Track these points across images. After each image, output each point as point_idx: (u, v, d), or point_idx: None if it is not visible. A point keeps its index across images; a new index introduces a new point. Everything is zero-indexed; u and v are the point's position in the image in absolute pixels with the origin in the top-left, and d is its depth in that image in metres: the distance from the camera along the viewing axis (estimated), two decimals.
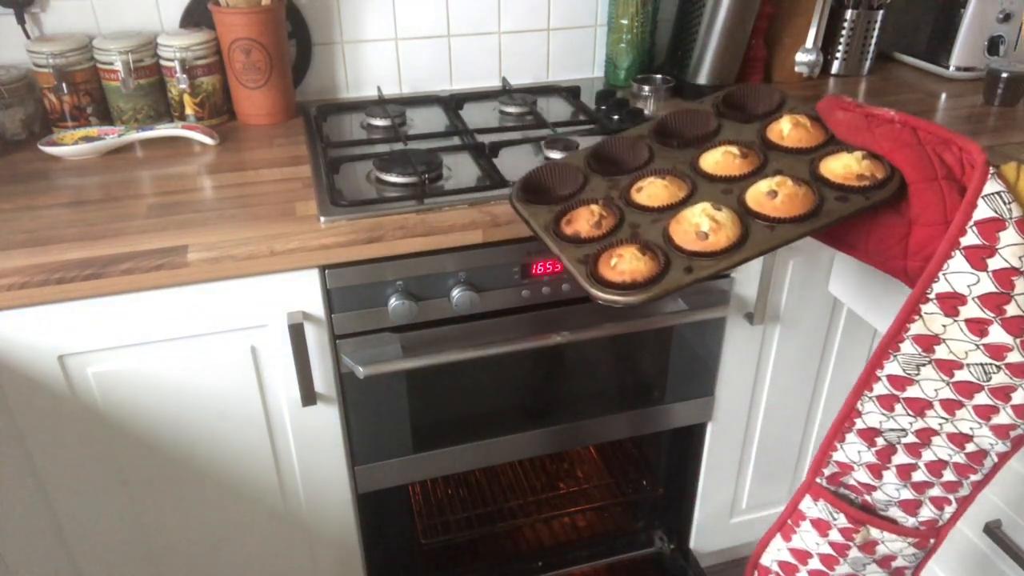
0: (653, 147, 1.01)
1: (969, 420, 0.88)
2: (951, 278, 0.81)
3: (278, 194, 1.09)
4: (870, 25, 1.58)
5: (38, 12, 1.28)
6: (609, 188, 0.96)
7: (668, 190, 0.91)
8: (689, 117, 1.05)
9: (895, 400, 0.91)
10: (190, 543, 1.17)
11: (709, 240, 0.83)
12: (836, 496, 1.02)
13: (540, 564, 1.53)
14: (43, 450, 1.02)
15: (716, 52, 1.43)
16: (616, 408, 1.30)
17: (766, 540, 1.11)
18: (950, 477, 0.94)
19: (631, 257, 0.83)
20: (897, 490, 0.98)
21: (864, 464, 0.97)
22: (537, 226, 0.93)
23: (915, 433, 0.93)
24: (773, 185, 0.86)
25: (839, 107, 0.94)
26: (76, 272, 0.91)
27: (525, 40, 1.53)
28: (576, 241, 0.89)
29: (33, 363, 0.96)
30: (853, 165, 0.86)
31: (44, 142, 1.21)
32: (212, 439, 1.09)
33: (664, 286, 0.81)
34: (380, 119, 1.33)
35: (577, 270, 0.85)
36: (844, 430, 0.97)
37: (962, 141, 0.82)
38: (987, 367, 0.83)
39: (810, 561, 1.07)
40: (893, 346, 0.88)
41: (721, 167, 0.93)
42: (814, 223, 0.84)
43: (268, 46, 1.28)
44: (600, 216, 0.90)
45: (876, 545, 1.02)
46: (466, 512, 1.61)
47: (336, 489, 1.20)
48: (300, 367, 1.04)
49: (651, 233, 0.87)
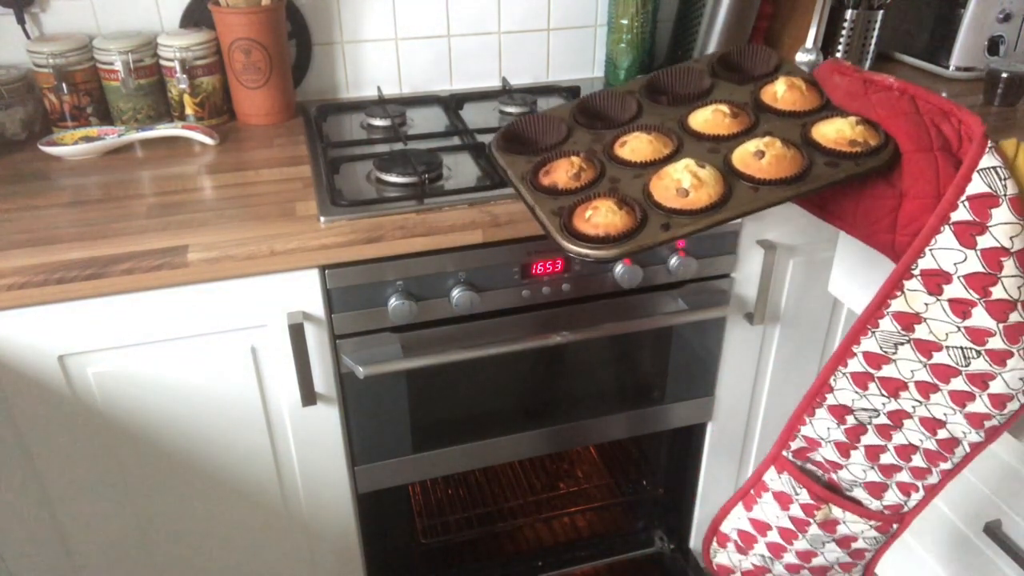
0: (643, 103, 0.99)
1: (943, 405, 0.85)
2: (937, 254, 0.78)
3: (278, 194, 1.09)
4: (870, 25, 1.58)
5: (38, 12, 1.28)
6: (593, 141, 0.94)
7: (652, 146, 0.89)
8: (682, 75, 1.02)
9: (869, 379, 0.88)
10: (190, 543, 1.17)
11: (689, 197, 0.80)
12: (801, 471, 1.00)
13: (540, 564, 1.53)
14: (43, 450, 1.02)
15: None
16: (616, 408, 1.30)
17: (728, 507, 1.10)
18: (919, 463, 0.92)
19: (607, 210, 0.81)
20: (864, 471, 0.95)
21: (832, 441, 0.95)
22: (514, 176, 0.91)
23: (887, 415, 0.90)
24: (761, 145, 0.84)
25: (837, 71, 0.92)
26: (76, 272, 0.91)
27: (525, 40, 1.53)
28: (552, 192, 0.87)
29: (33, 363, 0.96)
30: (846, 130, 0.84)
31: (44, 142, 1.21)
32: (212, 439, 1.09)
33: (639, 241, 0.78)
34: (380, 119, 1.33)
35: (550, 222, 0.83)
36: (815, 405, 0.94)
37: (962, 113, 0.80)
38: (967, 351, 0.80)
39: (768, 533, 1.05)
40: (872, 322, 0.85)
41: (710, 125, 0.91)
42: (799, 187, 0.81)
43: (268, 46, 1.28)
44: (580, 168, 0.87)
45: (837, 524, 1.00)
46: (466, 512, 1.61)
47: (336, 489, 1.20)
48: (300, 367, 1.04)
49: (631, 188, 0.85)
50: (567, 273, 1.12)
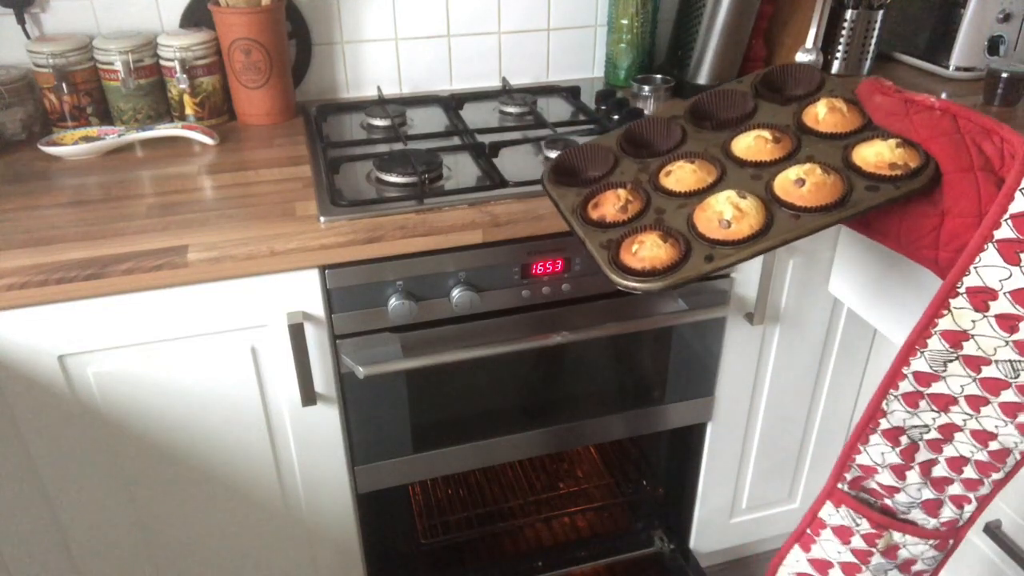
0: (687, 128, 1.00)
1: (994, 417, 0.85)
2: (983, 272, 0.78)
3: (278, 194, 1.09)
4: (870, 25, 1.58)
5: (38, 12, 1.28)
6: (639, 171, 0.96)
7: (696, 175, 0.91)
8: (725, 97, 1.03)
9: (920, 396, 0.89)
10: (190, 543, 1.17)
11: (732, 229, 0.82)
12: (858, 501, 0.99)
13: (540, 564, 1.53)
14: (43, 450, 1.02)
15: (716, 52, 1.43)
16: (616, 408, 1.30)
17: (783, 552, 1.08)
18: (971, 475, 0.92)
19: (652, 244, 0.83)
20: (919, 490, 0.95)
21: (888, 465, 0.95)
22: (565, 209, 0.94)
23: (938, 429, 0.90)
24: (801, 173, 0.85)
25: (878, 91, 0.92)
26: (76, 272, 0.91)
27: (525, 40, 1.53)
28: (601, 225, 0.89)
29: (33, 363, 0.96)
30: (886, 153, 0.85)
31: (44, 142, 1.21)
32: (212, 439, 1.09)
33: (683, 274, 0.81)
34: (380, 119, 1.33)
35: (599, 255, 0.86)
36: (868, 432, 0.94)
37: (1005, 131, 0.80)
38: (1016, 364, 0.80)
39: (830, 572, 1.04)
40: (921, 342, 0.85)
41: (752, 152, 0.92)
42: (840, 213, 0.82)
43: (268, 46, 1.28)
44: (627, 200, 0.90)
45: (898, 549, 0.99)
46: (466, 512, 1.61)
47: (336, 489, 1.20)
48: (300, 367, 1.04)
49: (676, 219, 0.87)
50: (567, 273, 1.12)
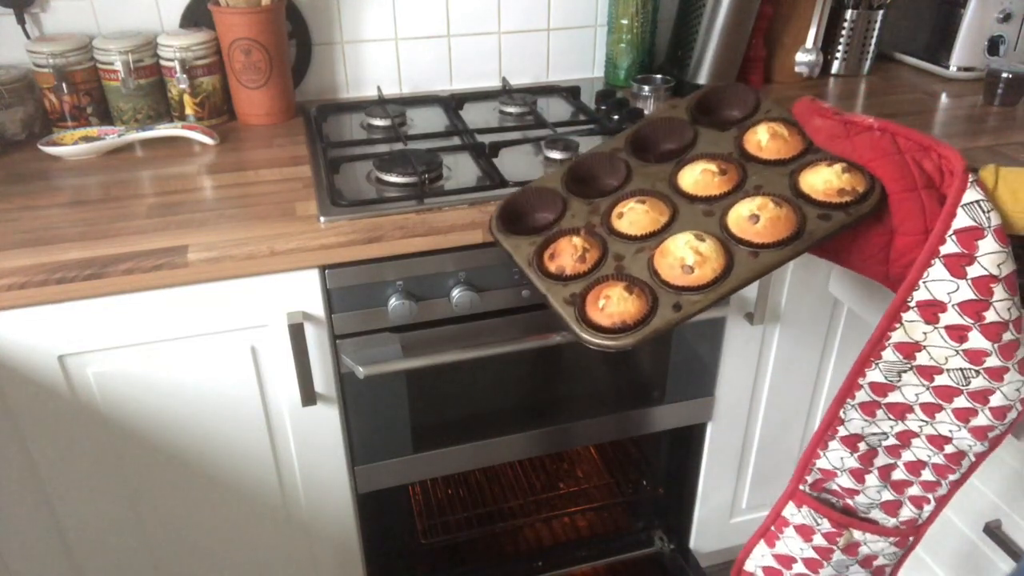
0: (630, 162, 0.99)
1: (948, 423, 0.89)
2: (931, 286, 0.82)
3: (278, 194, 1.09)
4: (870, 25, 1.58)
5: (38, 12, 1.28)
6: (590, 213, 0.94)
7: (649, 215, 0.89)
8: (665, 126, 1.02)
9: (877, 406, 0.92)
10: (190, 542, 1.17)
11: (695, 274, 0.82)
12: (819, 501, 1.02)
13: (540, 564, 1.53)
14: (43, 450, 1.02)
15: (716, 52, 1.43)
16: (616, 408, 1.30)
17: (749, 546, 1.11)
18: (929, 477, 0.95)
19: (619, 298, 0.81)
20: (879, 492, 0.98)
21: (847, 470, 0.98)
22: (521, 261, 0.91)
23: (896, 436, 0.94)
24: (754, 208, 0.85)
25: (817, 114, 0.93)
26: (76, 272, 0.91)
27: (525, 40, 1.53)
28: (562, 278, 0.87)
29: (33, 363, 0.96)
30: (834, 180, 0.85)
31: (44, 142, 1.21)
32: (212, 439, 1.09)
33: (654, 326, 0.80)
34: (380, 119, 1.33)
35: (566, 312, 0.84)
36: (827, 438, 0.97)
37: (942, 148, 0.83)
38: (966, 372, 0.84)
39: (794, 566, 1.07)
40: (875, 354, 0.89)
41: (700, 186, 0.91)
42: (797, 246, 0.83)
43: (268, 46, 1.28)
44: (584, 249, 0.88)
45: (859, 547, 1.03)
46: (466, 512, 1.61)
47: (336, 489, 1.20)
48: (300, 367, 1.04)
49: (636, 265, 0.86)
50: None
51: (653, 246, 0.87)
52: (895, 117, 1.40)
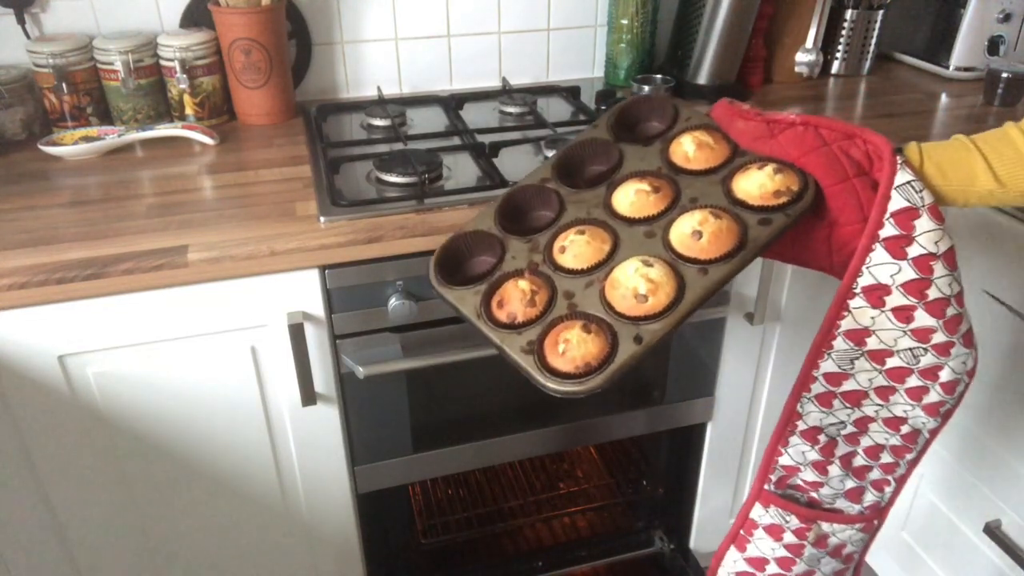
0: (560, 191, 0.95)
1: (903, 403, 0.91)
2: (874, 270, 0.83)
3: (278, 194, 1.09)
4: (870, 25, 1.58)
5: (38, 12, 1.28)
6: (530, 251, 0.90)
7: (592, 246, 0.87)
8: (589, 148, 1.00)
9: (833, 396, 0.93)
10: (190, 542, 1.17)
11: (650, 302, 0.81)
12: (785, 499, 1.03)
13: (540, 564, 1.53)
14: (43, 450, 1.02)
15: (716, 52, 1.43)
16: (616, 408, 1.30)
17: (720, 554, 1.12)
18: (887, 459, 0.97)
19: (578, 341, 0.79)
20: (842, 481, 1.00)
21: (810, 463, 0.99)
22: (469, 314, 0.87)
23: (853, 423, 0.95)
24: (695, 224, 0.84)
25: (738, 116, 0.92)
26: (76, 272, 0.91)
27: (525, 40, 1.53)
28: (514, 326, 0.84)
29: (33, 363, 0.96)
30: (767, 183, 0.85)
31: (44, 142, 1.21)
32: (212, 439, 1.09)
33: (619, 363, 0.78)
34: (380, 119, 1.33)
35: (526, 362, 0.82)
36: (787, 434, 0.98)
37: (866, 134, 0.84)
38: (915, 351, 0.86)
39: (767, 567, 1.07)
40: (826, 344, 0.90)
41: (637, 208, 0.90)
42: (744, 256, 0.83)
43: (268, 46, 1.28)
44: (531, 292, 0.85)
45: (828, 538, 1.04)
46: (466, 512, 1.61)
47: (336, 489, 1.20)
48: (300, 367, 1.04)
49: (588, 300, 0.84)
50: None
51: (602, 277, 0.85)
52: (895, 117, 1.40)
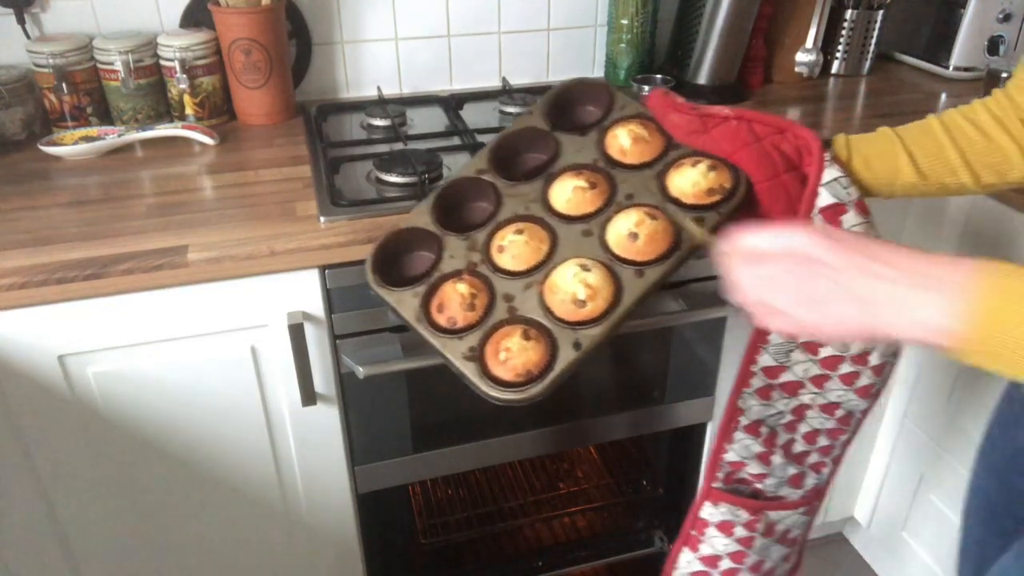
0: (497, 185, 0.95)
1: (837, 389, 0.93)
2: None
3: (278, 194, 1.09)
4: (870, 25, 1.58)
5: (38, 12, 1.28)
6: (468, 250, 0.90)
7: (530, 246, 0.87)
8: (526, 136, 0.99)
9: (771, 389, 0.95)
10: (190, 542, 1.17)
11: (588, 308, 0.82)
12: (734, 494, 1.04)
13: (540, 564, 1.53)
14: (43, 450, 1.02)
15: (716, 52, 1.43)
16: (616, 408, 1.30)
17: (674, 557, 1.13)
18: (824, 442, 1.00)
19: (519, 348, 0.80)
20: (784, 469, 1.02)
21: (755, 455, 1.01)
22: (409, 316, 0.87)
23: (791, 412, 0.97)
24: (632, 226, 0.85)
25: (673, 109, 0.93)
26: (76, 272, 0.91)
27: (525, 40, 1.53)
28: (455, 331, 0.84)
29: (33, 363, 0.96)
30: (701, 181, 0.86)
31: (44, 142, 1.21)
32: (212, 439, 1.09)
33: (559, 371, 0.80)
34: (380, 119, 1.33)
35: (467, 369, 0.82)
36: (731, 431, 1.00)
37: (795, 128, 0.85)
38: None
39: (720, 563, 1.09)
40: (762, 340, 0.92)
41: (574, 205, 0.90)
42: (678, 256, 0.84)
43: (268, 46, 1.28)
44: (471, 295, 0.85)
45: (775, 525, 1.06)
46: (466, 512, 1.61)
47: (336, 489, 1.20)
48: (300, 367, 1.04)
49: (528, 303, 0.85)
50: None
51: (540, 280, 0.86)
52: (895, 117, 1.40)
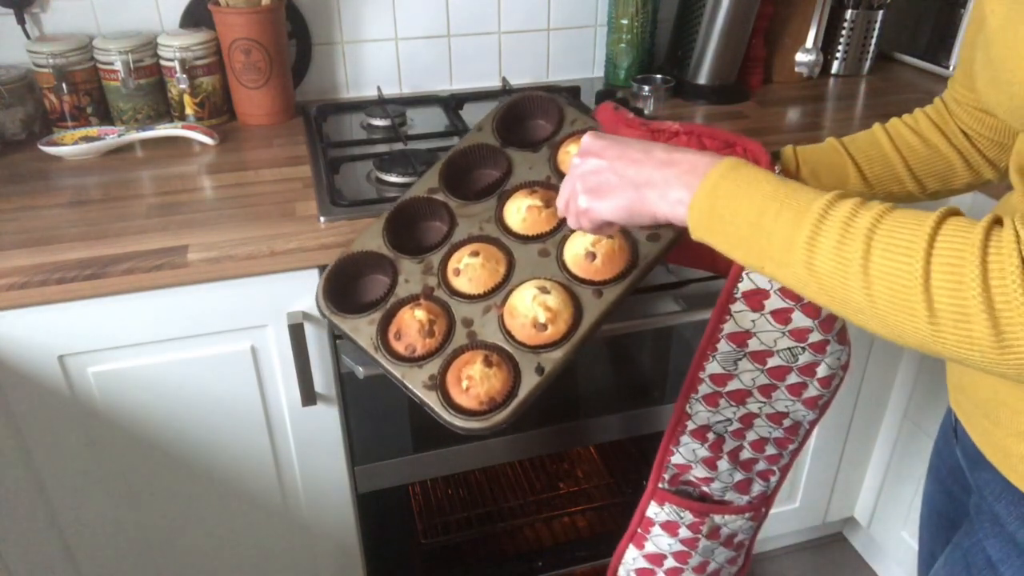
0: (450, 204, 0.94)
1: (784, 399, 0.95)
2: (754, 276, 0.86)
3: (278, 194, 1.09)
4: (870, 25, 1.58)
5: (38, 12, 1.28)
6: (424, 274, 0.89)
7: (487, 268, 0.86)
8: (476, 153, 0.98)
9: (719, 396, 0.96)
10: (190, 543, 1.17)
11: (549, 331, 0.82)
12: (679, 495, 1.06)
13: (540, 564, 1.53)
14: (43, 450, 1.02)
15: (716, 52, 1.43)
16: (616, 408, 1.30)
17: (620, 552, 1.15)
18: (772, 451, 1.02)
19: (481, 376, 0.80)
20: (730, 474, 1.04)
21: (700, 460, 1.02)
22: (366, 345, 0.85)
23: (739, 420, 0.99)
24: (589, 246, 0.85)
25: (623, 124, 0.93)
26: (76, 272, 0.91)
27: (525, 40, 1.53)
28: (415, 359, 0.83)
29: (33, 363, 0.96)
30: None
31: (44, 142, 1.21)
32: (212, 439, 1.09)
33: (522, 398, 0.80)
34: (380, 119, 1.33)
35: (429, 399, 0.81)
36: (678, 434, 1.01)
37: (745, 142, 0.85)
38: (794, 350, 0.90)
39: (665, 562, 1.11)
40: (711, 347, 0.93)
41: (529, 225, 0.89)
42: (636, 275, 0.84)
43: (268, 46, 1.28)
44: (429, 322, 0.84)
45: (720, 529, 1.08)
46: (466, 512, 1.61)
47: (336, 489, 1.20)
48: (300, 367, 1.04)
49: (487, 328, 0.84)
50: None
51: (499, 303, 0.85)
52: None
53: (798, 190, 0.57)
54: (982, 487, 0.73)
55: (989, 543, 0.71)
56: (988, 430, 0.70)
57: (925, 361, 1.38)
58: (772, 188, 0.58)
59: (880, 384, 1.45)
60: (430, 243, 0.93)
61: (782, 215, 0.56)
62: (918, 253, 0.49)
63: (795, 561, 1.71)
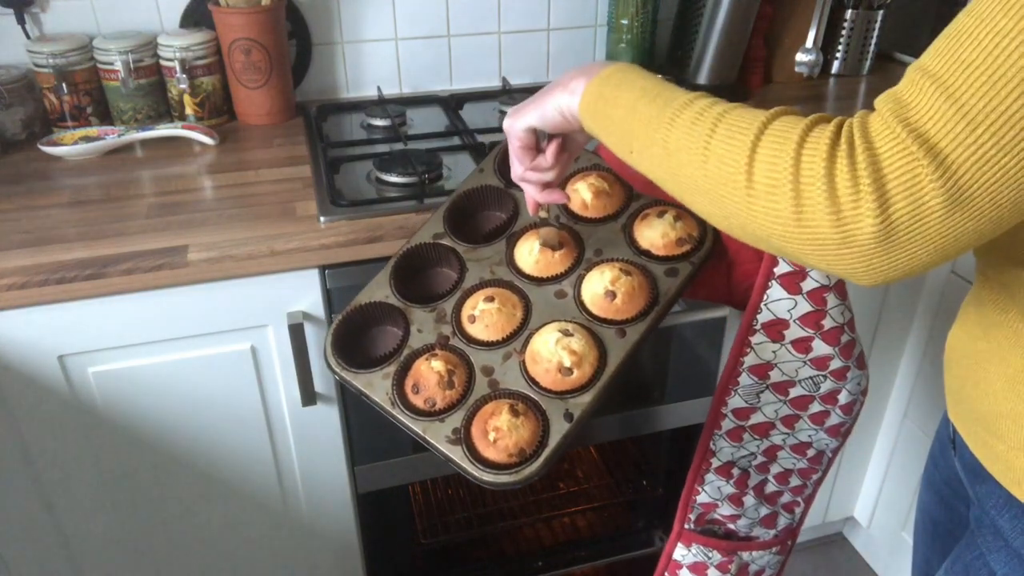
0: (457, 249, 0.91)
1: (807, 429, 0.95)
2: (772, 306, 0.87)
3: (278, 194, 1.09)
4: (870, 25, 1.58)
5: (38, 12, 1.28)
6: (437, 323, 0.85)
7: (503, 313, 0.83)
8: (479, 195, 0.96)
9: (742, 431, 0.96)
10: (189, 543, 1.17)
11: (575, 375, 0.79)
12: (706, 535, 1.05)
13: (540, 564, 1.53)
14: (43, 450, 1.02)
15: (716, 52, 1.43)
16: (616, 408, 1.30)
17: None
18: (796, 482, 1.02)
19: (509, 427, 0.76)
20: (756, 510, 1.03)
21: (726, 497, 1.01)
22: (382, 401, 0.81)
23: (763, 453, 0.98)
24: (608, 284, 0.83)
25: None
26: (76, 272, 0.91)
27: (525, 40, 1.53)
28: (435, 413, 0.79)
29: (33, 363, 0.96)
30: (670, 232, 0.86)
31: (44, 142, 1.21)
32: (212, 439, 1.09)
33: (554, 446, 0.76)
34: (380, 119, 1.33)
35: (454, 454, 0.76)
36: (702, 472, 1.00)
37: None
38: (815, 379, 0.91)
39: None
40: (732, 382, 0.92)
41: (542, 267, 0.87)
42: (657, 311, 0.83)
43: (268, 46, 1.28)
44: (448, 372, 0.80)
45: (748, 567, 1.07)
46: (466, 512, 1.61)
47: (336, 489, 1.19)
48: (300, 367, 1.04)
49: (509, 375, 0.80)
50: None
51: (520, 348, 0.82)
52: None
53: (676, 88, 0.63)
54: (983, 499, 0.72)
55: (992, 557, 0.70)
56: (989, 443, 0.69)
57: (925, 361, 1.38)
58: (654, 84, 0.64)
59: (880, 384, 1.45)
60: (440, 290, 0.89)
61: (655, 102, 0.62)
62: (751, 133, 0.53)
63: (795, 561, 1.71)
